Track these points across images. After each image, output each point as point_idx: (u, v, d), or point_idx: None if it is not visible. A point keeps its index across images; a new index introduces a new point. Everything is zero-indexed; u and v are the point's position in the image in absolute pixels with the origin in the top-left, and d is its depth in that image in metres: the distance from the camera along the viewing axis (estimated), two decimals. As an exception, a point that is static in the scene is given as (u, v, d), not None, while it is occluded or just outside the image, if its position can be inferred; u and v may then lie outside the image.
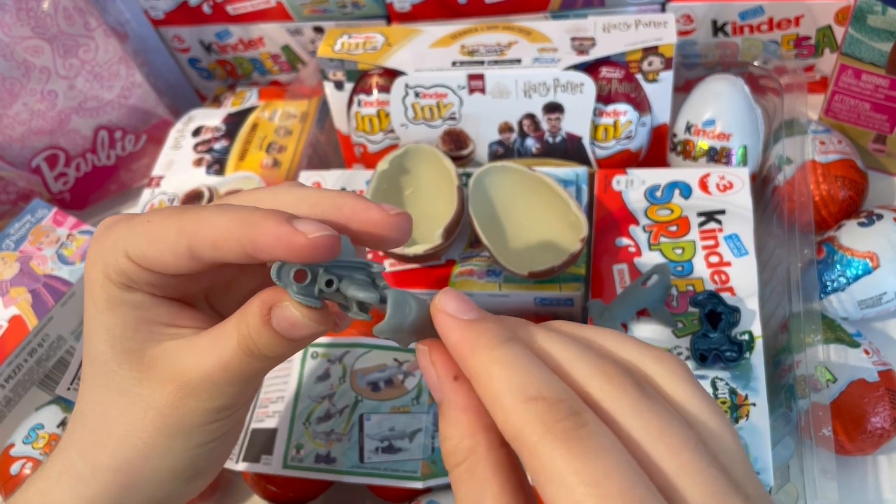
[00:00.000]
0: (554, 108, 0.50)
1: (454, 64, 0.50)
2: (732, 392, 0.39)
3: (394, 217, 0.26)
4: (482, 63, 0.50)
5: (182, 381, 0.27)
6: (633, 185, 0.47)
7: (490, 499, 0.22)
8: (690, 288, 0.42)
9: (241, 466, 0.41)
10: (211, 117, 0.61)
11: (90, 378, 0.28)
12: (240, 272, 0.31)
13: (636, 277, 0.43)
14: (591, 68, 0.49)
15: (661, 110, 0.52)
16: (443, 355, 0.24)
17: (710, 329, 0.40)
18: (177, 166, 0.58)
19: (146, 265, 0.26)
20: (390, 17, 0.60)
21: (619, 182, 0.48)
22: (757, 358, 0.40)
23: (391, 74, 0.52)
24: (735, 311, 0.40)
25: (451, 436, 0.23)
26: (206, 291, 0.31)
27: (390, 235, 0.26)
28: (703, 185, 0.46)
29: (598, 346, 0.24)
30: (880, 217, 0.46)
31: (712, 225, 0.45)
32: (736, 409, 0.38)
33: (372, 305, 0.25)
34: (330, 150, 0.61)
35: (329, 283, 0.25)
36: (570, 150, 0.52)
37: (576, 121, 0.50)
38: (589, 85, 0.49)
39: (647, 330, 0.41)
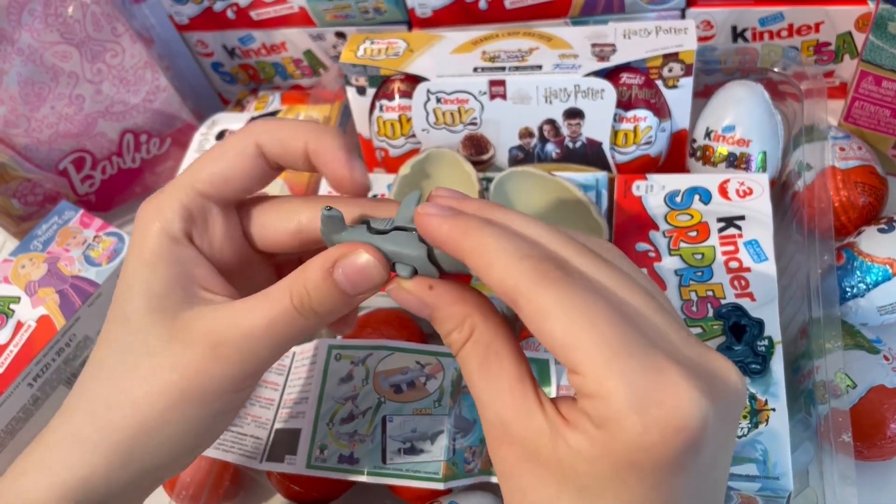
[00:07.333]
0: (574, 114, 0.50)
1: (475, 70, 0.51)
2: (752, 397, 0.39)
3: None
4: (503, 69, 0.50)
5: (216, 340, 0.28)
6: (653, 191, 0.48)
7: (500, 343, 0.26)
8: (710, 293, 0.43)
9: (265, 466, 0.42)
10: (234, 121, 0.62)
11: (114, 338, 0.28)
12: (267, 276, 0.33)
13: (656, 282, 0.44)
14: (611, 74, 0.50)
15: (681, 116, 0.52)
16: (413, 282, 0.27)
17: (735, 342, 0.40)
18: (201, 169, 0.59)
19: (214, 185, 0.29)
20: (412, 22, 0.61)
21: (638, 187, 0.48)
22: (776, 363, 0.40)
23: (413, 80, 0.52)
24: (759, 323, 0.40)
25: (450, 323, 0.27)
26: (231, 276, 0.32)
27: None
28: (723, 191, 0.47)
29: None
30: (900, 223, 0.46)
31: (732, 230, 0.45)
32: (755, 414, 0.38)
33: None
34: (351, 153, 0.61)
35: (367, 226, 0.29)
36: (590, 155, 0.52)
37: (596, 126, 0.51)
38: (609, 91, 0.49)
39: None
